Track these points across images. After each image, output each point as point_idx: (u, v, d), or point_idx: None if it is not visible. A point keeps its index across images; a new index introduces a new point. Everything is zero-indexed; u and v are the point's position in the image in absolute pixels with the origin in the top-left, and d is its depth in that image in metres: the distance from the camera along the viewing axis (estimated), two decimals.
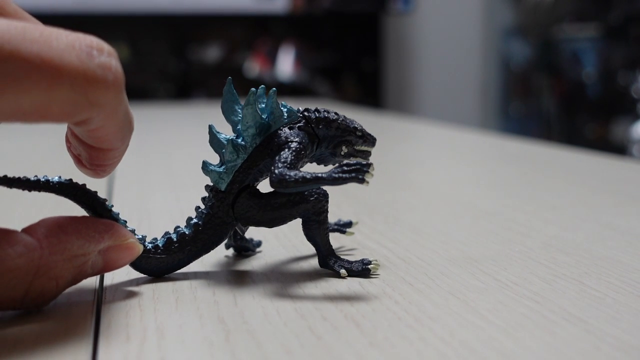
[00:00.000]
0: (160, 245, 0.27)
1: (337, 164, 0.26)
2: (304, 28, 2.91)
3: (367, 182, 0.24)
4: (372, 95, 2.88)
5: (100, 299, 0.24)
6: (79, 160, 0.25)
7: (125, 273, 0.27)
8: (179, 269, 0.27)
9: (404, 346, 0.20)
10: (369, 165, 0.24)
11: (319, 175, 0.24)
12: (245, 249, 0.30)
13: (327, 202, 0.26)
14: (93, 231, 0.23)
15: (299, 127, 0.27)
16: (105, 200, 0.25)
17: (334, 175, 0.24)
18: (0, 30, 0.19)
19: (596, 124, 2.61)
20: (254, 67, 2.78)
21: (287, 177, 0.25)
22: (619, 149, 2.23)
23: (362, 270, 0.26)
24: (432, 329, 0.21)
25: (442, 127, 0.97)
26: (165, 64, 2.76)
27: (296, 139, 0.26)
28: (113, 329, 0.21)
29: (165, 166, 0.61)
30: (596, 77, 2.65)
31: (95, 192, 0.25)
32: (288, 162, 0.25)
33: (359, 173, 0.24)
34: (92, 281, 0.26)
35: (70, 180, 0.25)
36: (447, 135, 0.88)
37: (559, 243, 0.31)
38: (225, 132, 0.28)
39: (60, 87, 0.20)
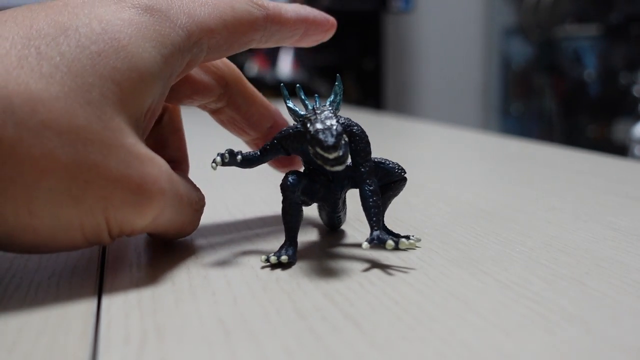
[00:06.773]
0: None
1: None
2: None
3: (213, 168, 0.28)
4: (372, 94, 2.88)
5: (99, 299, 0.24)
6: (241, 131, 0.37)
7: (125, 274, 0.27)
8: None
9: (404, 346, 0.20)
10: (222, 155, 0.28)
11: None
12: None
13: (286, 190, 0.28)
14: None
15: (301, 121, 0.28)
16: None
17: None
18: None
19: (597, 124, 2.61)
20: (253, 66, 2.78)
21: None
22: (621, 149, 2.23)
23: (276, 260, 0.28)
24: (432, 329, 0.21)
25: (442, 127, 0.96)
26: None
27: (280, 132, 0.29)
28: (112, 329, 0.21)
29: None
30: (597, 77, 2.65)
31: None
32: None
33: (215, 158, 0.28)
34: (91, 281, 0.26)
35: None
36: (448, 134, 0.88)
37: (560, 243, 0.31)
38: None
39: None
